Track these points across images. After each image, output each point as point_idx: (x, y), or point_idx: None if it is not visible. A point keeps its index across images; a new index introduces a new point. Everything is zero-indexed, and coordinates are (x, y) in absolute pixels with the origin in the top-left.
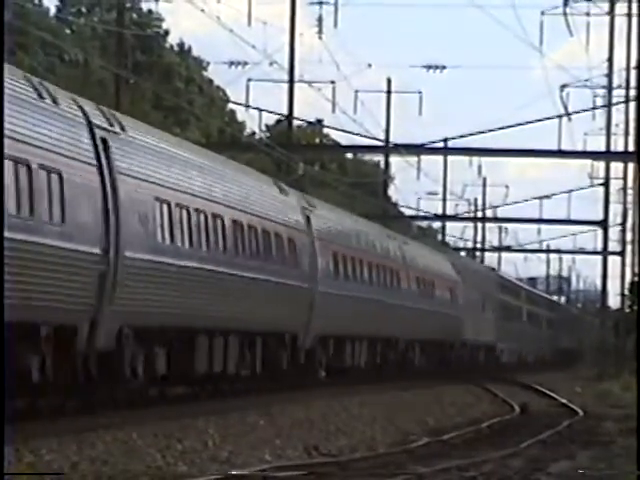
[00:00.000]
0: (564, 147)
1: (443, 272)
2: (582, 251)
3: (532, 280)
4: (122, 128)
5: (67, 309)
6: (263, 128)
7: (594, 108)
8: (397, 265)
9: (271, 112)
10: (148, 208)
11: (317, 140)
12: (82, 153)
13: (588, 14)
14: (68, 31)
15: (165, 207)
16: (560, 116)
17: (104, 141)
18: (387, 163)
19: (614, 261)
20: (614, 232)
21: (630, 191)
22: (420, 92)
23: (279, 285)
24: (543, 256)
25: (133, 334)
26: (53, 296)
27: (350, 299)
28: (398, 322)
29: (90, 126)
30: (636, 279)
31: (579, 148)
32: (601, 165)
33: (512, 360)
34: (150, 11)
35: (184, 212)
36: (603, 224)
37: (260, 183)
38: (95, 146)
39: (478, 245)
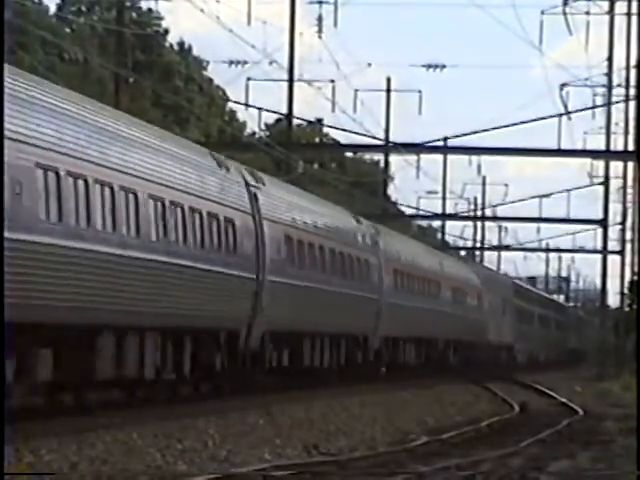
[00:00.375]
0: (564, 146)
1: (470, 281)
2: (582, 250)
3: (532, 279)
4: (263, 183)
5: (235, 319)
6: (263, 127)
7: (594, 107)
8: (437, 278)
9: (271, 111)
10: (281, 243)
11: (317, 139)
12: (244, 206)
13: (588, 13)
14: (68, 30)
15: (292, 242)
16: (560, 115)
17: (255, 196)
18: (387, 162)
19: (614, 260)
20: (614, 231)
21: (630, 190)
22: (420, 91)
23: (359, 297)
24: (543, 255)
25: (270, 338)
26: (231, 309)
27: (407, 308)
28: (439, 326)
29: (247, 186)
30: (636, 278)
31: (579, 147)
32: (601, 164)
33: (528, 360)
34: (150, 10)
35: (305, 246)
36: (603, 223)
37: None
38: (250, 200)
39: (478, 244)
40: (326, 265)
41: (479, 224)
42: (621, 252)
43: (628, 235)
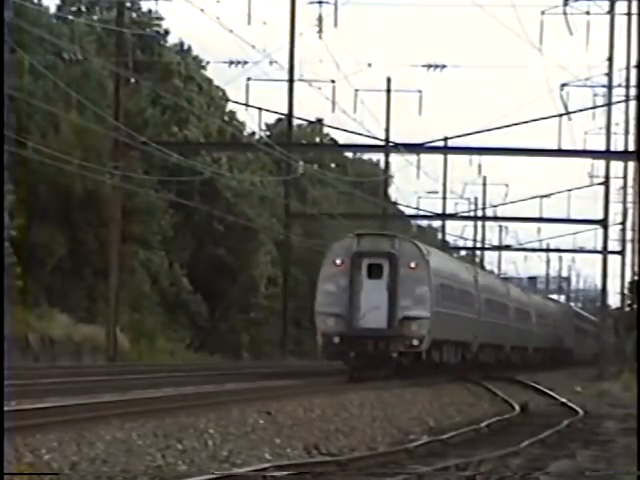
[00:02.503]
0: (564, 146)
1: (552, 309)
2: (582, 250)
3: (532, 279)
4: (481, 269)
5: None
6: (263, 127)
7: (594, 107)
8: (529, 308)
9: (271, 111)
10: (489, 299)
11: (317, 139)
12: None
13: (588, 13)
14: (67, 29)
15: (490, 299)
16: (560, 115)
17: (475, 278)
18: (387, 162)
19: (614, 260)
20: (614, 231)
21: (630, 190)
22: (420, 91)
23: (468, 317)
24: (543, 255)
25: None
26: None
27: (496, 324)
28: (515, 336)
29: (475, 276)
30: (636, 278)
31: (579, 147)
32: (601, 164)
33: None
34: (150, 10)
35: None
36: (603, 223)
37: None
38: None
39: (478, 244)
40: (457, 299)
41: (479, 224)
42: (621, 252)
43: (628, 235)
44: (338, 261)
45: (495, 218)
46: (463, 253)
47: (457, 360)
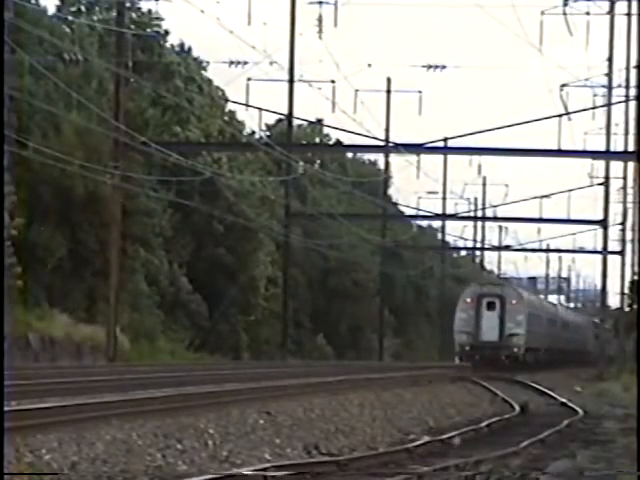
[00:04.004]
0: (564, 146)
1: (580, 322)
2: (582, 250)
3: (532, 279)
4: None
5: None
6: (263, 127)
7: (594, 107)
8: (578, 325)
9: (271, 111)
10: (556, 320)
11: (317, 139)
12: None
13: (588, 13)
14: (67, 30)
15: (555, 320)
16: (560, 115)
17: (549, 307)
18: (387, 162)
19: (614, 260)
20: (614, 231)
21: (630, 190)
22: (420, 92)
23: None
24: (543, 255)
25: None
26: None
27: (561, 336)
28: (569, 343)
29: (551, 306)
30: (636, 278)
31: (579, 147)
32: (601, 164)
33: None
34: (150, 11)
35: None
36: (603, 223)
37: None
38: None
39: (478, 244)
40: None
41: (479, 224)
42: (621, 252)
43: (628, 235)
44: (469, 300)
45: (495, 218)
46: (463, 253)
47: (540, 360)
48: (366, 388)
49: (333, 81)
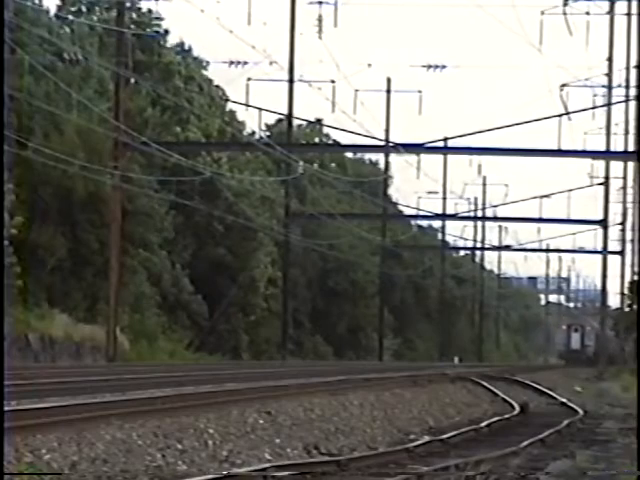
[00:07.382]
0: (564, 146)
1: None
2: (582, 250)
3: (532, 279)
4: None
5: None
6: (263, 127)
7: (594, 107)
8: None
9: (271, 111)
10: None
11: (317, 139)
12: None
13: (588, 13)
14: (68, 30)
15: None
16: (560, 115)
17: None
18: (387, 162)
19: (614, 260)
20: (614, 231)
21: (630, 190)
22: (420, 92)
23: None
24: (543, 255)
25: None
26: None
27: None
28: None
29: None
30: (636, 278)
31: (579, 147)
32: (601, 164)
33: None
34: (150, 10)
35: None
36: (603, 223)
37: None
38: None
39: (478, 244)
40: None
41: (479, 224)
42: (621, 252)
43: (628, 235)
44: (564, 327)
45: (495, 218)
46: (463, 253)
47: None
48: (366, 388)
49: (333, 81)
